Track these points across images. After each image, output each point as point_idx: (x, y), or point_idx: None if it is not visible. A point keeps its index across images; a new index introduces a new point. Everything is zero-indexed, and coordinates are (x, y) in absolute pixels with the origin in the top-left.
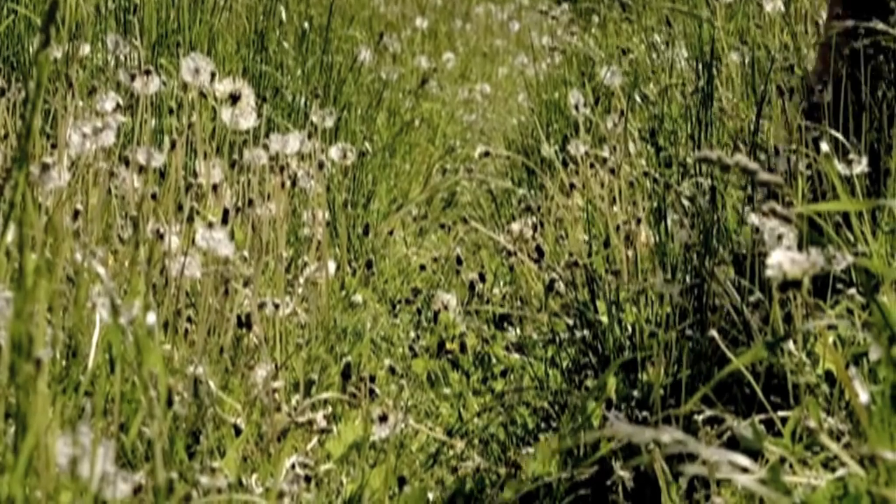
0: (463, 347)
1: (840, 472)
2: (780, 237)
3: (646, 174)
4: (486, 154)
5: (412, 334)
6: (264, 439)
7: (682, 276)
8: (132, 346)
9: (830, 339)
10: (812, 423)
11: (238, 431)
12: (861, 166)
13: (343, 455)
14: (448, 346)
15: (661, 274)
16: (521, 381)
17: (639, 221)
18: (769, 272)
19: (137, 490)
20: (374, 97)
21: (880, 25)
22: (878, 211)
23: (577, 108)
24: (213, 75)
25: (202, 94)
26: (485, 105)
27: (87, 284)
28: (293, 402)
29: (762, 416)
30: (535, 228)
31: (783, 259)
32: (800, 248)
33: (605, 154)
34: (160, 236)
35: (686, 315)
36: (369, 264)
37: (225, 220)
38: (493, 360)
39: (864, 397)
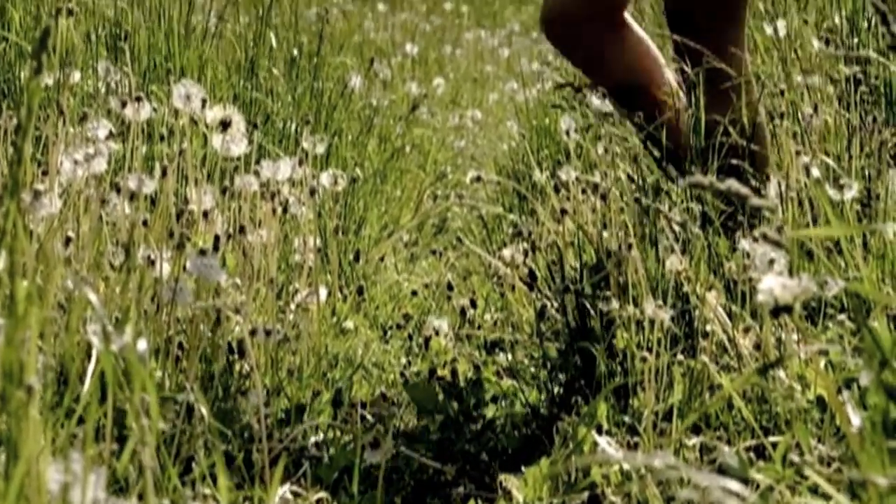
0: (454, 373)
1: (830, 494)
2: (771, 262)
3: (636, 200)
4: (478, 179)
5: (403, 360)
6: (256, 466)
7: (673, 302)
8: (124, 374)
9: (822, 365)
10: (798, 456)
11: (230, 458)
12: (853, 191)
13: (334, 481)
14: (439, 372)
15: (651, 299)
16: (513, 406)
17: (630, 247)
18: (761, 297)
19: None
20: (364, 123)
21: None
22: (870, 236)
23: (567, 133)
24: (203, 102)
25: (193, 121)
26: (475, 131)
27: (79, 311)
28: (284, 428)
29: (753, 442)
30: (526, 254)
31: (775, 285)
32: (790, 273)
33: (597, 179)
34: (151, 263)
35: (677, 341)
36: (360, 290)
37: (216, 247)
38: (485, 386)
39: (855, 422)
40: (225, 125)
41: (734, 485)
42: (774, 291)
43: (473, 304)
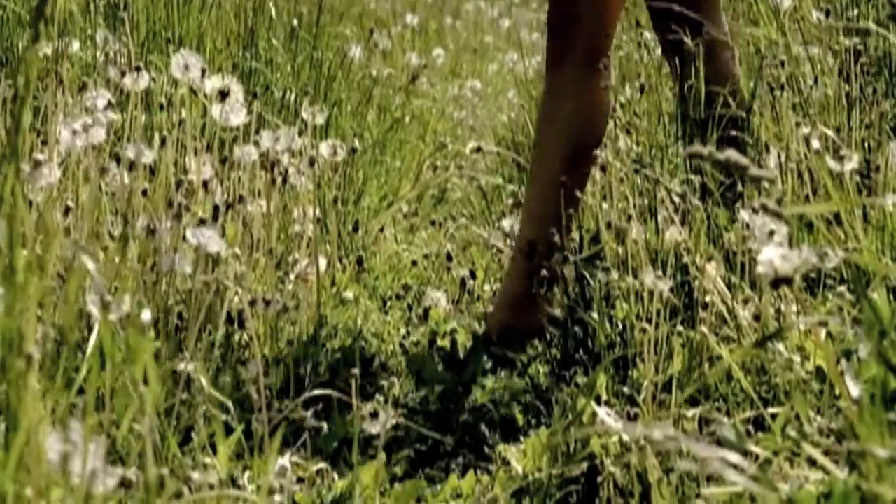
0: (454, 344)
1: (828, 468)
2: (770, 233)
3: (636, 171)
4: (478, 150)
5: (403, 330)
6: (255, 436)
7: (672, 273)
8: (123, 343)
9: (821, 336)
10: (797, 427)
11: (229, 428)
12: (853, 162)
13: (334, 452)
14: (439, 342)
15: (651, 270)
16: (511, 377)
17: (629, 218)
18: (760, 269)
19: (128, 486)
20: (364, 94)
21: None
22: (870, 207)
23: None
24: (203, 72)
25: (192, 91)
26: (475, 102)
27: (78, 281)
28: (283, 398)
29: (752, 413)
30: None
31: (775, 256)
32: (790, 244)
33: (596, 150)
34: (151, 232)
35: (677, 312)
36: (360, 261)
37: (215, 217)
38: (484, 357)
39: (854, 392)
40: (224, 95)
41: (733, 456)
42: (774, 263)
43: (473, 274)
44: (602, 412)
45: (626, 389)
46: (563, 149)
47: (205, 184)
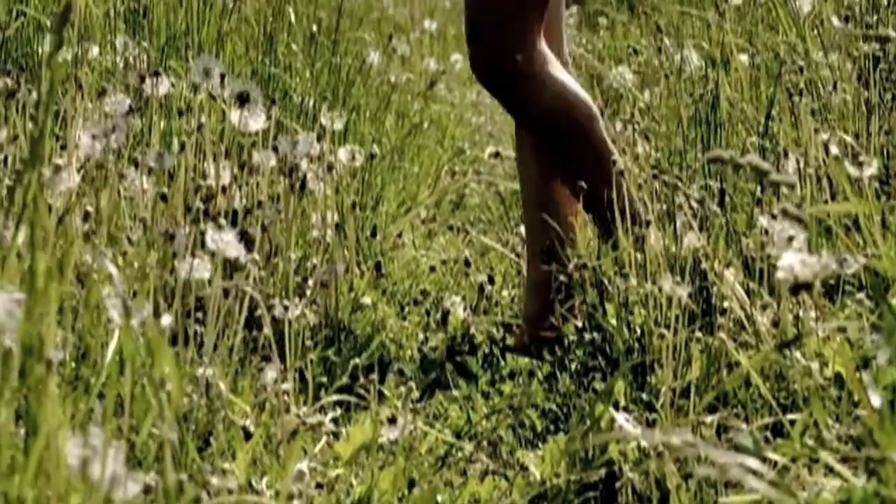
0: (472, 349)
1: (846, 475)
2: (790, 239)
3: (655, 176)
4: (496, 155)
5: (421, 336)
6: (273, 441)
7: (690, 279)
8: (143, 348)
9: (840, 342)
10: (815, 434)
11: (247, 434)
12: (871, 168)
13: (352, 457)
14: (457, 348)
15: (669, 276)
16: (530, 383)
17: (648, 224)
18: (780, 275)
19: (148, 491)
20: (382, 99)
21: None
22: (889, 213)
23: None
24: (222, 77)
25: (211, 96)
26: (493, 107)
27: (98, 286)
28: (302, 404)
29: (771, 420)
30: None
31: (794, 262)
32: (809, 250)
33: (615, 156)
34: (170, 238)
35: (695, 318)
36: (378, 266)
37: (234, 222)
38: (502, 363)
39: (875, 401)
40: (243, 100)
41: (752, 462)
42: (794, 269)
43: (491, 280)
44: (620, 418)
45: (644, 396)
46: None
47: (223, 189)
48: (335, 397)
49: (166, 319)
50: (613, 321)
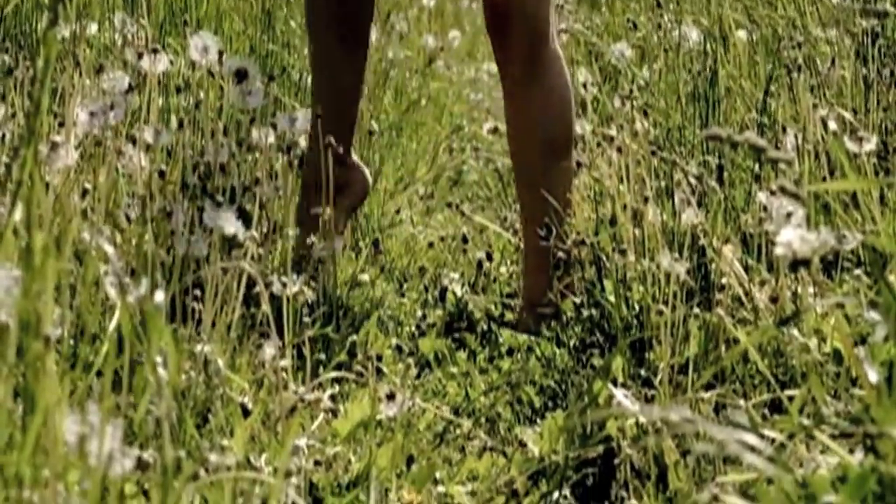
0: (470, 326)
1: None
2: (788, 215)
3: (653, 153)
4: (494, 131)
5: (419, 313)
6: (272, 418)
7: (689, 255)
8: (141, 325)
9: (838, 318)
10: (813, 410)
11: (246, 410)
12: (871, 144)
13: (350, 434)
14: (455, 324)
15: (668, 253)
16: (528, 359)
17: (646, 200)
18: (779, 251)
19: (145, 468)
20: (380, 76)
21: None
22: (887, 189)
23: (585, 86)
24: (220, 54)
25: (210, 73)
26: (491, 84)
27: (95, 263)
28: (300, 381)
29: (769, 396)
30: None
31: (793, 238)
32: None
33: (613, 133)
34: (167, 215)
35: (693, 294)
36: (376, 243)
37: (232, 199)
38: (500, 339)
39: (871, 375)
40: (241, 77)
41: (750, 438)
42: (793, 245)
43: (489, 256)
44: (619, 394)
45: (642, 372)
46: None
47: (222, 166)
48: (333, 374)
49: (163, 296)
50: (612, 298)
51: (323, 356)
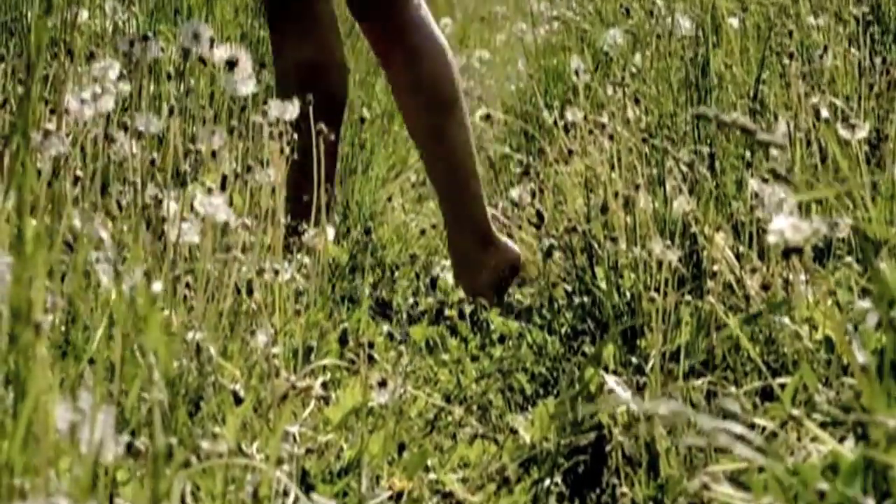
0: (461, 313)
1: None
2: (780, 203)
3: (644, 140)
4: (487, 118)
5: (410, 300)
6: (263, 405)
7: (680, 243)
8: (133, 313)
9: (829, 306)
10: (803, 399)
11: (238, 398)
12: (862, 132)
13: (342, 421)
14: (446, 312)
15: (659, 240)
16: (519, 347)
17: (638, 187)
18: (771, 238)
19: (137, 455)
20: (372, 63)
21: None
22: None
23: (577, 73)
24: (211, 41)
25: (201, 61)
26: (483, 71)
27: (87, 250)
28: (292, 368)
29: (760, 384)
30: (533, 194)
31: (785, 226)
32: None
33: (604, 120)
34: (159, 202)
35: (685, 281)
36: (367, 230)
37: (223, 187)
38: (491, 327)
39: (861, 359)
40: (232, 64)
41: (740, 428)
42: (785, 233)
43: None
44: (610, 381)
45: (633, 359)
46: None
47: (213, 153)
48: (325, 361)
49: (156, 284)
50: (603, 285)
51: (314, 343)
